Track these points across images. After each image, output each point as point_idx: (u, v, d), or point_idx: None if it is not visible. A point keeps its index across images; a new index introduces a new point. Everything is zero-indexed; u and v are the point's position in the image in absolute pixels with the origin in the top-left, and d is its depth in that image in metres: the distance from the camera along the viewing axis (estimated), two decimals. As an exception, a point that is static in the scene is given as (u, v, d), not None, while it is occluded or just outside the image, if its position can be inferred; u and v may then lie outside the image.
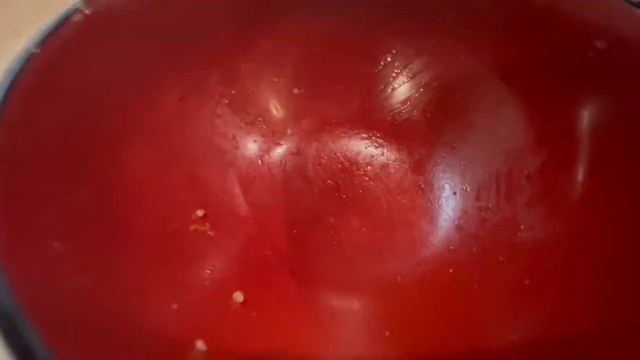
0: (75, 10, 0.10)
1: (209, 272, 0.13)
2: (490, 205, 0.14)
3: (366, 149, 0.20)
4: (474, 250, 0.13)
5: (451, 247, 0.14)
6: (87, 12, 0.10)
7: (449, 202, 0.16)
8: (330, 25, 0.18)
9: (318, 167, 0.19)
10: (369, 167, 0.19)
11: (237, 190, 0.16)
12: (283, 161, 0.19)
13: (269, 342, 0.11)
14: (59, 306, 0.09)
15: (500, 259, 0.12)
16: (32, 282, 0.08)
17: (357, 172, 0.19)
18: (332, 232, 0.17)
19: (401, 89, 0.19)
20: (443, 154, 0.17)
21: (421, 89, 0.19)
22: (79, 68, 0.10)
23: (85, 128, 0.10)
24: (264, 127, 0.19)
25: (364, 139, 0.20)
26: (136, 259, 0.10)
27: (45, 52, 0.10)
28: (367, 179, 0.19)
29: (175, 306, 0.10)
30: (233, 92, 0.18)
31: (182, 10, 0.14)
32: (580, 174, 0.12)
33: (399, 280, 0.14)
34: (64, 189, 0.09)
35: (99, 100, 0.11)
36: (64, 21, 0.10)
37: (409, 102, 0.19)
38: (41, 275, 0.08)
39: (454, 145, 0.17)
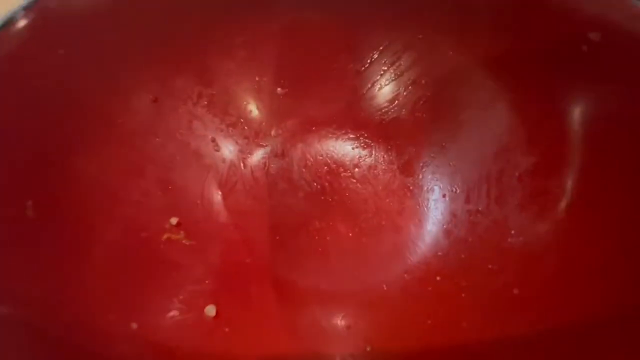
0: (22, 11, 0.09)
1: (180, 284, 0.12)
2: (480, 208, 0.14)
3: (353, 150, 0.19)
4: (463, 256, 0.12)
5: (439, 253, 0.13)
6: (34, 12, 0.09)
7: (438, 204, 0.15)
8: (313, 20, 0.18)
9: (303, 169, 0.18)
10: (356, 169, 0.18)
11: (216, 195, 0.16)
12: (266, 164, 0.18)
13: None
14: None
15: (490, 266, 0.11)
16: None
17: (344, 174, 0.18)
18: (317, 237, 0.16)
19: (389, 87, 0.19)
20: (432, 154, 0.17)
21: (409, 87, 0.18)
22: (30, 70, 0.10)
23: (37, 131, 0.09)
24: (246, 128, 0.18)
25: (351, 139, 0.19)
26: (97, 271, 0.10)
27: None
28: (354, 181, 0.18)
29: (134, 325, 0.09)
30: (212, 92, 0.17)
31: (152, 6, 0.13)
32: (573, 174, 0.12)
33: (385, 288, 0.13)
34: (9, 200, 0.09)
35: (53, 102, 0.10)
36: (9, 22, 0.09)
37: (397, 101, 0.18)
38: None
39: (444, 144, 0.17)
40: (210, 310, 0.12)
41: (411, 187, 0.16)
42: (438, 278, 0.12)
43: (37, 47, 0.10)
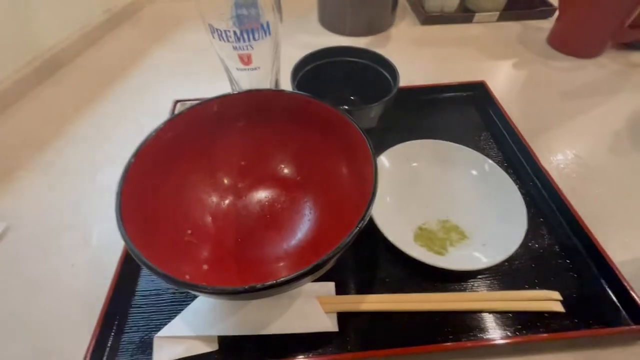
0: (153, 134, 0.27)
1: (194, 257, 0.28)
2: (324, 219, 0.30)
3: (279, 194, 0.36)
4: (311, 237, 0.29)
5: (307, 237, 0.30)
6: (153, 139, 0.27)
7: (309, 218, 0.32)
8: (258, 131, 0.35)
9: (255, 203, 0.35)
10: (280, 204, 0.35)
11: (209, 220, 0.32)
12: (235, 203, 0.35)
13: (220, 281, 0.26)
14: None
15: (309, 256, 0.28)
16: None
17: (276, 205, 0.35)
18: (259, 239, 0.33)
19: (288, 167, 0.36)
20: (306, 198, 0.34)
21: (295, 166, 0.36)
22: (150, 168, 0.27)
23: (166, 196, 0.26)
24: (226, 182, 0.35)
25: (279, 188, 0.36)
26: (165, 248, 0.26)
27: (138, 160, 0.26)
28: (281, 209, 0.35)
29: (178, 265, 0.25)
30: (206, 169, 0.35)
31: (191, 143, 0.31)
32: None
33: (284, 254, 0.29)
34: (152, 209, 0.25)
35: (166, 183, 0.28)
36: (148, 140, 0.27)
37: (291, 171, 0.36)
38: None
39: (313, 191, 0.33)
40: (205, 267, 0.28)
41: (301, 212, 0.33)
42: (304, 246, 0.28)
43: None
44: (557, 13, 0.64)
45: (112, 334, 0.29)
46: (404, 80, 0.41)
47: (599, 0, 0.55)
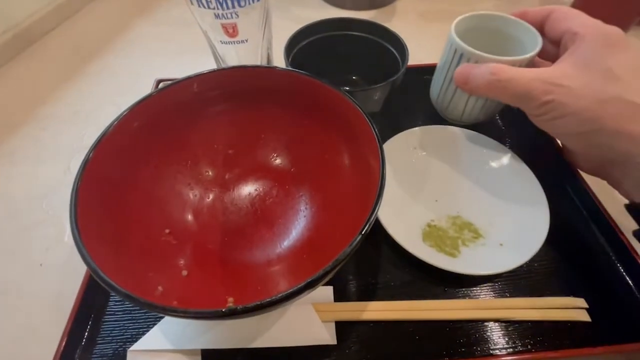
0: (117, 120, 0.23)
1: (171, 262, 0.24)
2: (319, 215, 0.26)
3: (271, 187, 0.32)
4: (307, 236, 0.25)
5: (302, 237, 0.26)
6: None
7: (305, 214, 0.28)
8: (243, 113, 0.31)
9: (244, 197, 0.31)
10: (272, 197, 0.31)
11: (190, 217, 0.28)
12: (221, 197, 0.31)
13: (201, 289, 0.22)
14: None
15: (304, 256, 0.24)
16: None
17: (267, 199, 0.31)
18: (248, 237, 0.29)
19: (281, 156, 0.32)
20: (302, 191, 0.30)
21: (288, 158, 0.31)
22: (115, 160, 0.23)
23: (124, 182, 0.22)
24: (210, 174, 0.31)
25: (270, 180, 0.32)
26: (134, 253, 0.22)
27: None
28: (272, 203, 0.31)
29: (151, 274, 0.21)
30: (189, 157, 0.30)
31: (163, 122, 0.26)
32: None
33: (276, 257, 0.26)
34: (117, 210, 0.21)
35: (137, 176, 0.23)
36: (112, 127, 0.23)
37: (284, 163, 0.32)
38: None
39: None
40: (184, 273, 0.24)
41: (295, 207, 0.29)
42: (300, 246, 0.25)
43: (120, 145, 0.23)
44: (579, -15, 0.58)
45: (82, 344, 0.26)
46: (411, 59, 0.36)
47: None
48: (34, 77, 0.52)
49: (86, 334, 0.26)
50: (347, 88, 0.31)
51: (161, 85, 0.44)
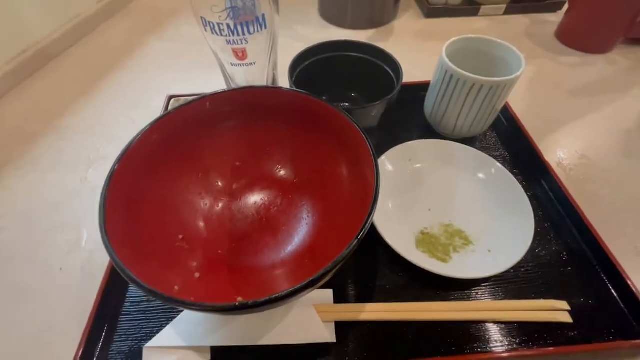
0: (139, 135, 0.25)
1: (185, 264, 0.27)
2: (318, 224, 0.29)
3: (276, 196, 0.34)
4: (309, 241, 0.27)
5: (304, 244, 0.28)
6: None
7: (307, 222, 0.30)
8: (250, 129, 0.33)
9: (250, 206, 0.34)
10: (276, 207, 0.33)
11: (201, 224, 0.31)
12: (229, 205, 0.33)
13: (213, 290, 0.25)
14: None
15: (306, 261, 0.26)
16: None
17: (272, 208, 0.33)
18: (254, 243, 0.31)
19: (285, 168, 0.34)
20: (304, 201, 0.32)
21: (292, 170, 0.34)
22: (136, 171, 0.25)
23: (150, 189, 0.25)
24: (220, 184, 0.34)
25: (275, 190, 0.34)
26: (155, 256, 0.25)
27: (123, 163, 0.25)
28: (277, 212, 0.33)
29: (168, 275, 0.24)
30: (200, 170, 0.33)
31: (178, 139, 0.29)
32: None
33: (280, 261, 0.28)
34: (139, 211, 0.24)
35: (155, 187, 0.26)
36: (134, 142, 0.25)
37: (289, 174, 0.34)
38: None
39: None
40: (197, 275, 0.26)
41: (298, 216, 0.31)
42: (301, 251, 0.27)
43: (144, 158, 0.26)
44: (566, 6, 0.61)
45: (100, 343, 0.28)
46: (407, 76, 0.39)
47: (611, -7, 0.53)
48: (53, 91, 0.55)
49: (104, 332, 0.29)
50: (347, 104, 0.34)
51: (172, 101, 0.48)
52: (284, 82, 0.39)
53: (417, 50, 0.61)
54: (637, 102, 0.50)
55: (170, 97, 0.48)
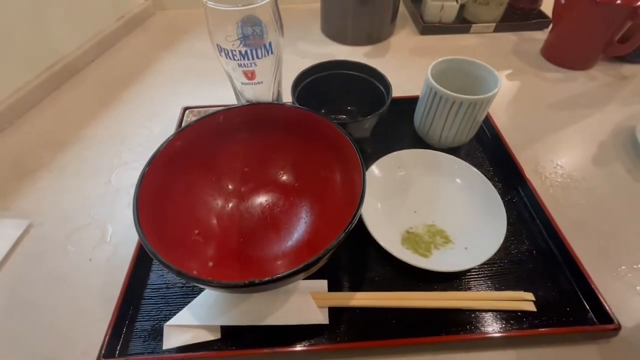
0: (165, 143, 0.30)
1: (200, 255, 0.31)
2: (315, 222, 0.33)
3: (279, 197, 0.39)
4: (307, 238, 0.32)
5: (303, 240, 0.33)
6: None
7: (305, 221, 0.35)
8: (257, 139, 0.38)
9: (256, 206, 0.38)
10: (279, 207, 0.38)
11: (214, 221, 0.35)
12: (238, 206, 0.38)
13: (224, 277, 0.29)
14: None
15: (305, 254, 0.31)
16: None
17: (275, 208, 0.38)
18: (259, 239, 0.36)
19: (287, 174, 0.39)
20: (303, 203, 0.37)
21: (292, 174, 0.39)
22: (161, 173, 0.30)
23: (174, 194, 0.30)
24: (230, 188, 0.38)
25: (278, 192, 0.39)
26: (178, 246, 0.29)
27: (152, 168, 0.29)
28: (279, 212, 0.38)
29: (187, 262, 0.29)
30: (214, 174, 0.38)
31: (199, 152, 0.34)
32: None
33: (282, 253, 0.33)
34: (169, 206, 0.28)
35: (176, 188, 0.31)
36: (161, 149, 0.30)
37: (290, 178, 0.39)
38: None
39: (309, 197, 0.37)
40: (210, 264, 0.31)
41: (298, 215, 0.36)
42: (300, 245, 0.31)
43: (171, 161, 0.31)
44: (551, 25, 0.66)
45: (127, 322, 0.33)
46: (402, 90, 0.44)
47: (589, 15, 0.57)
48: (77, 103, 0.61)
49: (130, 313, 0.33)
50: (344, 116, 0.38)
51: (187, 113, 0.53)
52: (287, 97, 0.44)
53: (412, 65, 0.65)
54: (612, 116, 0.54)
55: (185, 109, 0.53)
